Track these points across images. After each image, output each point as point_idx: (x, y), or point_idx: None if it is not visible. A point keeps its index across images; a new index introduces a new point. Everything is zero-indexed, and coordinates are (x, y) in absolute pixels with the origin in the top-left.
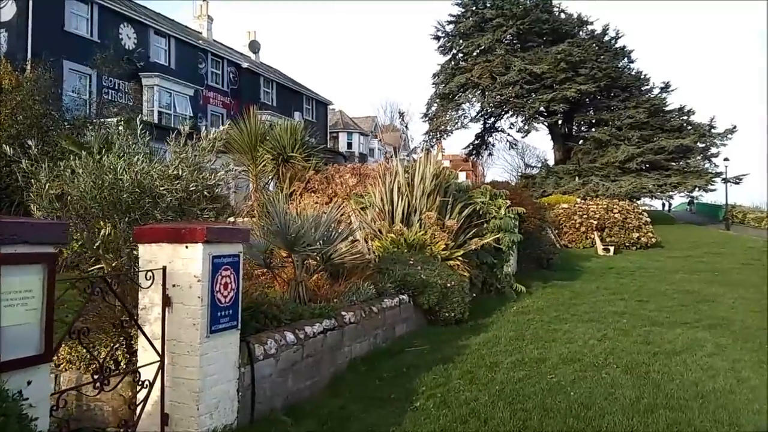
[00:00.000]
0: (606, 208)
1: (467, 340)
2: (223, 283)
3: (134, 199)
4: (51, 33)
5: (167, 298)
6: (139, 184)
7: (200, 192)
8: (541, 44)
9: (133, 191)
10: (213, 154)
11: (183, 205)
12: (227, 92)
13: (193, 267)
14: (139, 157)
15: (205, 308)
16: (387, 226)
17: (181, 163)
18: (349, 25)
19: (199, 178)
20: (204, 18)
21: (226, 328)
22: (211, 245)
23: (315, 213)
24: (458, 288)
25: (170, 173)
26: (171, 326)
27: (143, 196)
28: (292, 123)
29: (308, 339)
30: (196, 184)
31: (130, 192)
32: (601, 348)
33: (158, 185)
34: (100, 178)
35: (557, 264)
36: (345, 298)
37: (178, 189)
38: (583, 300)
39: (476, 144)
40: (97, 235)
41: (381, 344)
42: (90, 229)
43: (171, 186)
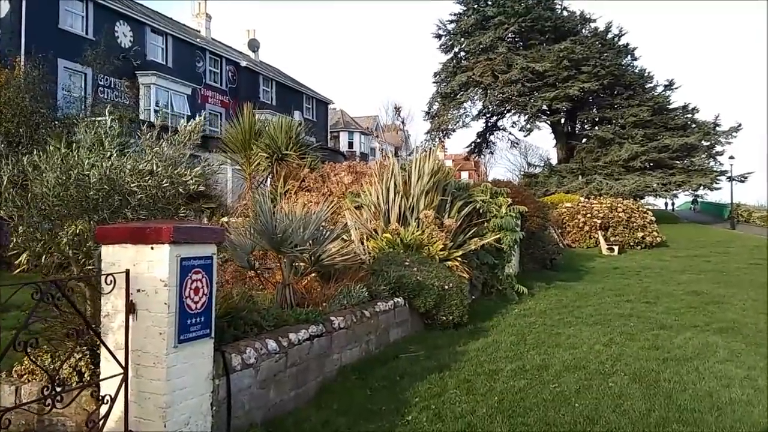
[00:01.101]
0: (610, 207)
1: (465, 345)
2: (193, 287)
3: (102, 197)
4: (45, 30)
5: (131, 305)
6: (109, 181)
7: (175, 189)
8: (543, 42)
9: (101, 188)
10: (189, 148)
11: (158, 203)
12: (226, 91)
13: (158, 270)
14: (112, 152)
15: (173, 315)
16: (383, 225)
17: (154, 158)
18: (350, 25)
19: (174, 174)
20: (202, 16)
21: (197, 337)
22: (179, 246)
23: (304, 212)
24: (456, 290)
25: (141, 168)
26: (136, 335)
27: (112, 194)
28: (287, 120)
29: (292, 347)
30: (170, 180)
31: (98, 189)
32: (607, 354)
33: (129, 181)
34: (65, 174)
35: (561, 264)
36: (335, 301)
37: (150, 186)
38: (587, 302)
39: (478, 143)
40: (61, 235)
41: (374, 350)
42: (55, 229)
43: (142, 182)
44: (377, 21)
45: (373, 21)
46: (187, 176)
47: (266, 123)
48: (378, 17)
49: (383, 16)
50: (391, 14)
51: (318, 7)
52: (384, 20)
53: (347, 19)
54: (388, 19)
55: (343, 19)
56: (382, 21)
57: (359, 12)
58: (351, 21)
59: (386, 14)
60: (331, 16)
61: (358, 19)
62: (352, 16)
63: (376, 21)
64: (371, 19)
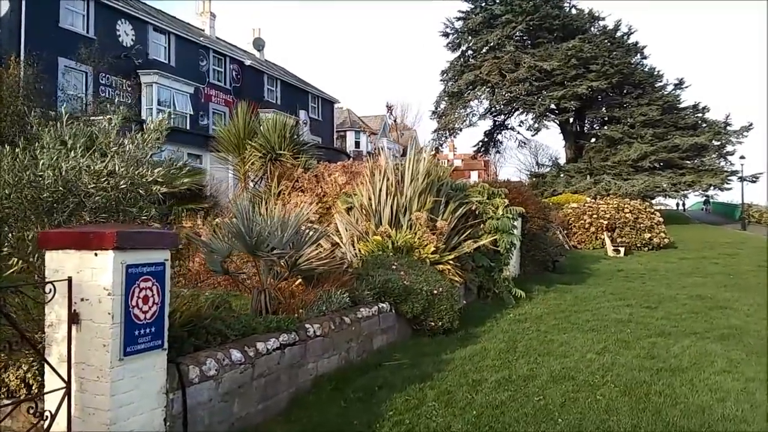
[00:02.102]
0: (617, 208)
1: (453, 353)
2: (142, 296)
3: (57, 199)
4: (45, 29)
5: (74, 315)
6: (64, 182)
7: (134, 190)
8: (551, 40)
9: (55, 190)
10: (155, 148)
11: (119, 205)
12: (230, 90)
13: (102, 278)
14: (76, 151)
15: (117, 326)
16: (374, 227)
17: (113, 158)
18: (358, 24)
19: (135, 174)
20: (207, 15)
21: (146, 349)
22: (124, 252)
23: (283, 213)
24: (447, 294)
25: (97, 168)
26: (79, 347)
27: (68, 195)
28: (281, 119)
29: (260, 356)
30: (127, 181)
31: (52, 191)
32: (599, 363)
33: (87, 182)
34: (18, 175)
35: (564, 266)
36: (314, 307)
37: (108, 187)
38: (586, 306)
39: (485, 142)
40: (8, 239)
41: (355, 358)
42: (10, 232)
43: (99, 184)
44: (385, 20)
45: (380, 20)
46: (148, 176)
47: (262, 122)
48: (386, 16)
49: (391, 15)
50: (399, 13)
51: (325, 6)
52: (392, 19)
53: (355, 18)
54: (396, 18)
55: (350, 18)
56: (389, 20)
57: (367, 11)
58: (359, 20)
59: (394, 13)
60: (339, 15)
61: (366, 18)
62: (359, 15)
63: (383, 20)
64: (379, 18)
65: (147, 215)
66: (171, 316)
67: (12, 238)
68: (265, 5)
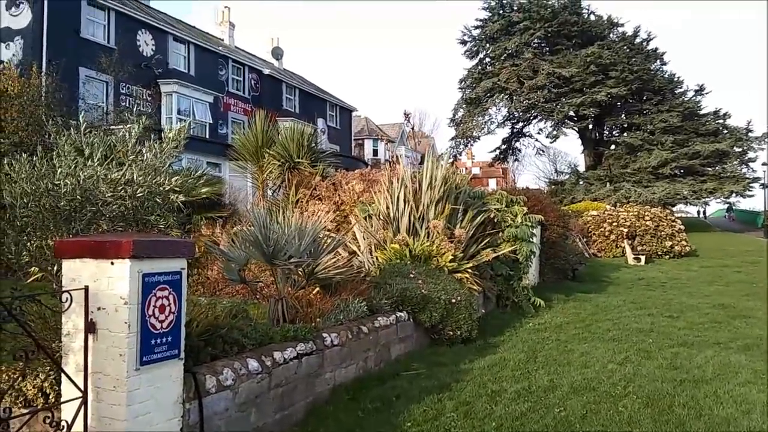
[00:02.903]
0: (637, 215)
1: (471, 362)
2: (158, 305)
3: (75, 207)
4: (67, 39)
5: (91, 324)
6: (82, 191)
7: (152, 199)
8: (570, 47)
9: (73, 198)
10: (173, 157)
11: (137, 214)
12: (248, 99)
13: (119, 287)
14: (93, 159)
15: (134, 336)
16: (391, 235)
17: (130, 166)
18: (377, 33)
19: (152, 183)
20: (226, 24)
21: (162, 359)
22: (141, 261)
23: (300, 222)
24: (465, 303)
25: (114, 177)
26: (96, 356)
27: (85, 204)
28: (299, 128)
29: (277, 366)
30: (145, 189)
31: (70, 199)
32: (620, 374)
33: (104, 191)
34: (35, 183)
35: (583, 275)
36: (331, 316)
37: (125, 196)
38: (606, 315)
39: (503, 149)
40: (27, 247)
41: (372, 368)
42: (29, 240)
43: (116, 192)
44: (403, 28)
45: (398, 28)
46: (166, 185)
47: (280, 130)
48: (404, 24)
49: (409, 23)
50: (416, 20)
51: (344, 14)
52: (410, 27)
53: (373, 26)
54: (414, 26)
55: (369, 26)
56: (407, 28)
57: (385, 19)
58: (377, 28)
59: (412, 21)
60: (358, 23)
61: (384, 27)
62: (378, 23)
63: (401, 28)
64: (397, 26)
65: (165, 224)
66: (188, 326)
67: (31, 247)
68: (283, 14)
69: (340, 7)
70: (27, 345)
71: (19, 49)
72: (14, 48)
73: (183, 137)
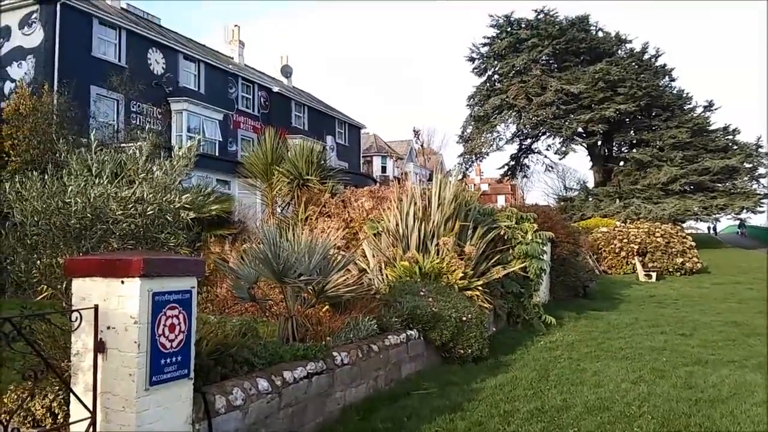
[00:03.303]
0: (647, 232)
1: (483, 381)
2: (168, 324)
3: (86, 226)
4: (78, 58)
5: (100, 343)
6: (93, 209)
7: (162, 216)
8: (578, 64)
9: (83, 216)
10: (184, 174)
11: (147, 232)
12: (258, 117)
13: (128, 306)
14: (102, 177)
15: (144, 355)
16: (401, 253)
17: (141, 184)
18: (386, 50)
19: (163, 201)
20: (236, 43)
21: (172, 378)
22: (151, 280)
23: (310, 239)
24: (476, 321)
25: (124, 195)
26: (105, 376)
27: (95, 222)
28: (308, 145)
29: (287, 386)
30: (155, 207)
31: (80, 217)
32: (634, 393)
33: (114, 209)
34: (46, 201)
35: (594, 292)
36: (341, 335)
37: (135, 214)
38: (618, 333)
39: (512, 166)
40: (36, 265)
41: (383, 387)
42: (39, 258)
43: (126, 210)
44: (412, 46)
45: (407, 46)
46: (176, 203)
47: (289, 147)
48: (413, 42)
49: (418, 41)
50: (426, 39)
51: (354, 33)
52: (419, 45)
53: (382, 44)
54: (424, 45)
55: (378, 44)
56: (417, 46)
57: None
58: (386, 47)
59: (421, 39)
60: (367, 42)
61: (394, 45)
62: (387, 42)
63: (410, 46)
64: (406, 44)
65: (175, 242)
66: (197, 345)
67: (41, 265)
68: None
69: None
70: (36, 364)
71: (31, 68)
72: (26, 67)
73: (193, 154)
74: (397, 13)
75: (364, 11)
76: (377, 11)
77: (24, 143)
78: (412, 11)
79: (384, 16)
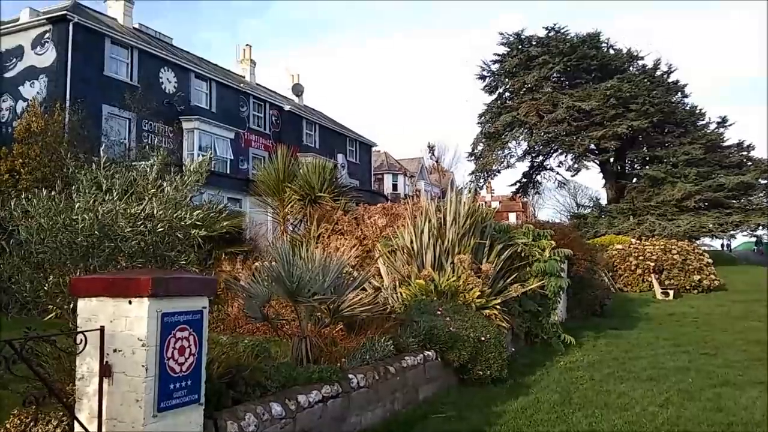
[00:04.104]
0: (663, 249)
1: (503, 404)
2: (178, 347)
3: (93, 243)
4: (90, 77)
5: (106, 367)
6: (100, 226)
7: (172, 234)
8: (589, 80)
9: (91, 233)
10: (194, 190)
11: (156, 250)
12: (269, 135)
13: (136, 327)
14: (111, 194)
15: (152, 380)
16: (416, 271)
17: (151, 201)
18: (395, 68)
19: (173, 218)
20: (247, 62)
21: (182, 404)
22: (160, 300)
23: (324, 257)
24: (495, 341)
25: (134, 212)
26: (111, 402)
27: (103, 239)
28: (320, 162)
29: (302, 410)
30: (165, 224)
31: (87, 234)
32: (663, 417)
33: (123, 226)
34: (53, 219)
35: (611, 310)
36: (356, 356)
37: (145, 231)
38: (640, 353)
39: (524, 183)
40: (42, 284)
41: (400, 410)
42: (45, 278)
43: (135, 227)
44: (422, 63)
45: (417, 63)
46: (187, 219)
47: (301, 165)
48: (422, 59)
49: (427, 58)
50: (435, 56)
51: (364, 50)
52: (429, 62)
53: (392, 62)
54: (433, 61)
55: (388, 62)
56: (426, 63)
57: (403, 55)
58: (396, 64)
59: (431, 56)
60: (377, 59)
61: (403, 62)
62: (397, 59)
63: (420, 63)
64: (416, 61)
65: (186, 260)
66: (209, 367)
67: (47, 284)
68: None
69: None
70: (40, 388)
71: (43, 88)
72: (39, 86)
73: (204, 169)
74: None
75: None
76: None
77: (35, 161)
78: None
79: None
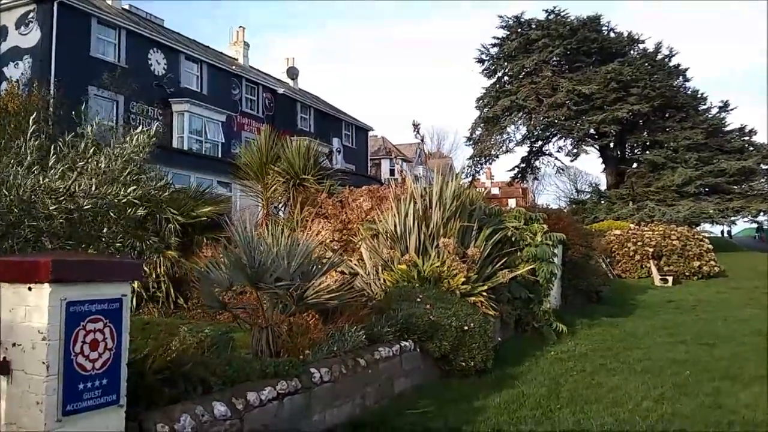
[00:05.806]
0: (663, 235)
1: (485, 398)
2: (89, 341)
3: (11, 222)
4: (76, 58)
5: (4, 364)
6: (20, 202)
7: (103, 211)
8: (589, 64)
9: (10, 211)
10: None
11: (84, 230)
12: (262, 118)
13: (36, 318)
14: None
15: (54, 378)
16: (399, 255)
17: (81, 175)
18: (394, 52)
19: (104, 193)
20: (240, 44)
21: (95, 406)
22: (66, 286)
23: (290, 240)
24: (479, 330)
25: (54, 186)
26: (10, 404)
27: (23, 218)
28: (304, 143)
29: (252, 409)
30: (95, 201)
31: (5, 212)
32: (658, 414)
33: (48, 204)
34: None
35: (608, 297)
36: (324, 347)
37: (68, 208)
38: (635, 343)
39: (522, 168)
40: None
41: (372, 406)
42: None
43: (60, 205)
44: (420, 48)
45: (416, 48)
46: (121, 196)
47: (285, 147)
48: (420, 44)
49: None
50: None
51: (362, 35)
52: (427, 47)
53: (391, 46)
54: (431, 46)
55: (386, 46)
56: (425, 48)
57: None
58: (394, 48)
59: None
60: (375, 43)
61: (402, 47)
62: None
63: (419, 48)
64: (414, 46)
65: (122, 241)
66: (142, 362)
67: None
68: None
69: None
70: None
71: (27, 68)
72: (23, 67)
73: (148, 141)
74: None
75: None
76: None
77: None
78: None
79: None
